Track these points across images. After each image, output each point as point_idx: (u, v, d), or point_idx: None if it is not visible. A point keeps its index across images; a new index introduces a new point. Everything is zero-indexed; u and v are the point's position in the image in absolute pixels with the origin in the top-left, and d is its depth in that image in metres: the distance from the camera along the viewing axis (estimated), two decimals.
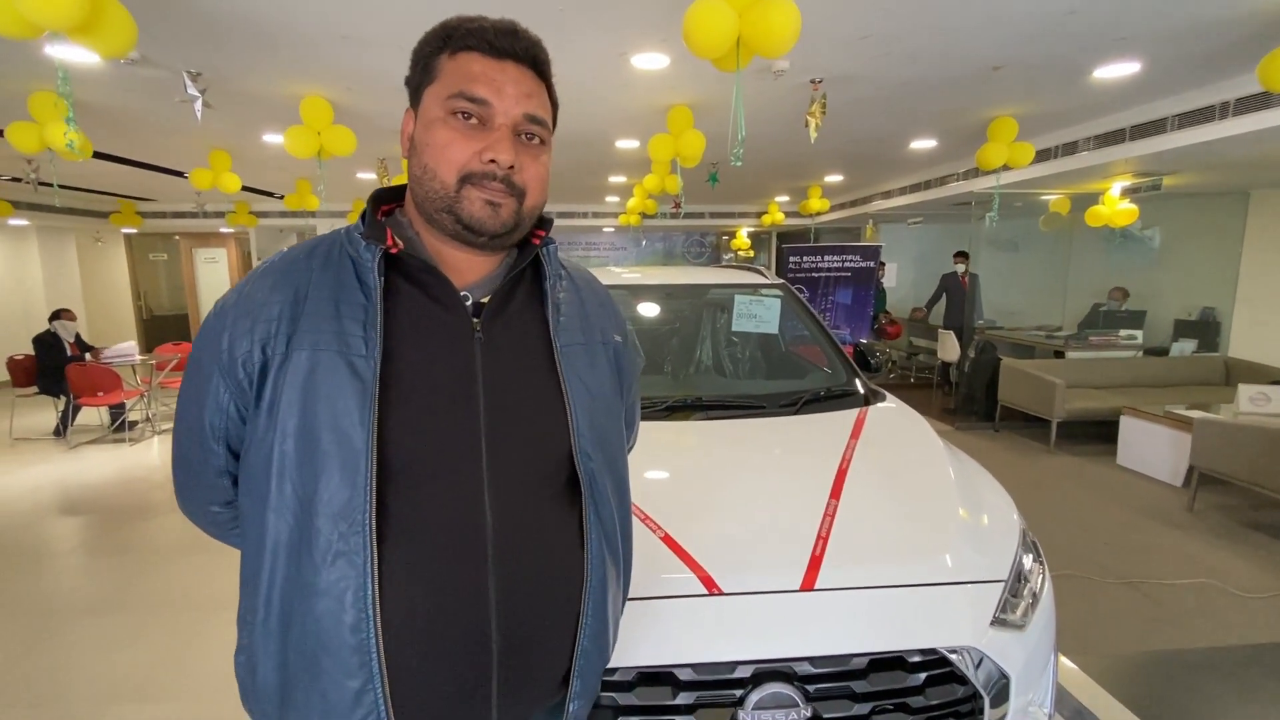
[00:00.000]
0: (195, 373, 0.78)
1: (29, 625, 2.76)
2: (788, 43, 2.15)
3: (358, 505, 0.70)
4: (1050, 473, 4.73)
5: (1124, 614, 2.75)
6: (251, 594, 0.76)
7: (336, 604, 0.70)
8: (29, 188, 5.86)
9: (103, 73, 3.36)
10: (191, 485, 0.85)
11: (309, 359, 0.72)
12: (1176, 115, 4.05)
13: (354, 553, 0.70)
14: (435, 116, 0.75)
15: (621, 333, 0.98)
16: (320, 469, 0.70)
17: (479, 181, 0.75)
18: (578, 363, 0.85)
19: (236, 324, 0.74)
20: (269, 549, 0.72)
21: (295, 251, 0.80)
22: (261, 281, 0.77)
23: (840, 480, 1.56)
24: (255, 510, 0.74)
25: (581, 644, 0.84)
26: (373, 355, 0.72)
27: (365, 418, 0.71)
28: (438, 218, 0.77)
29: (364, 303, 0.74)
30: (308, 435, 0.71)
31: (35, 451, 5.47)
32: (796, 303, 2.60)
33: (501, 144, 0.74)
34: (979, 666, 1.22)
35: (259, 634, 0.74)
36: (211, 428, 0.78)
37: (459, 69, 0.75)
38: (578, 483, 0.83)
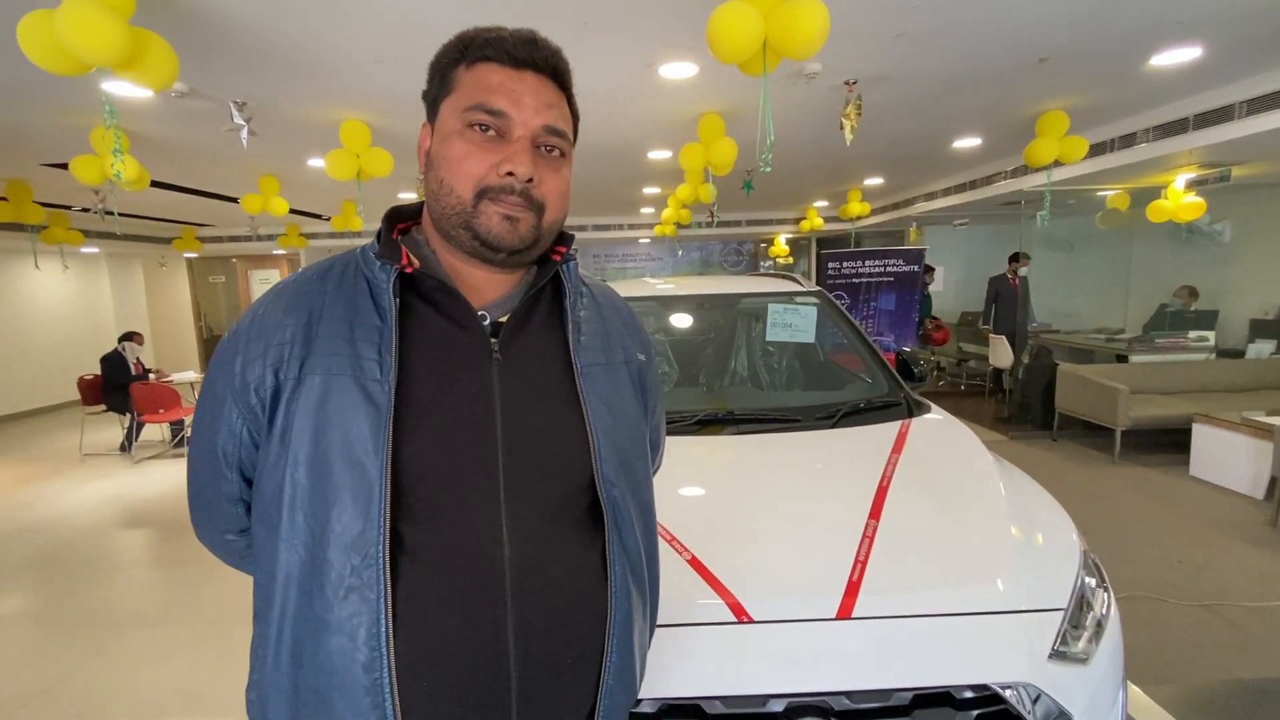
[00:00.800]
0: (209, 397, 0.77)
1: (87, 636, 2.87)
2: (815, 44, 2.08)
3: (371, 537, 0.67)
4: (1115, 485, 4.45)
5: (1200, 640, 2.54)
6: (263, 626, 0.73)
7: (349, 641, 0.67)
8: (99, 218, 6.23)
9: (156, 106, 3.53)
10: (207, 514, 0.83)
11: (322, 384, 0.70)
12: (1244, 101, 3.79)
13: (367, 587, 0.67)
14: (452, 129, 0.73)
15: (645, 351, 0.94)
16: (333, 499, 0.68)
17: (496, 196, 0.72)
18: (599, 384, 0.82)
19: (249, 347, 0.73)
20: (280, 581, 0.70)
21: (309, 272, 0.78)
22: (275, 304, 0.75)
23: (880, 499, 1.47)
24: (267, 540, 0.72)
25: (606, 683, 0.79)
26: (388, 380, 0.70)
27: (380, 445, 0.68)
28: (455, 234, 0.75)
29: (379, 325, 0.72)
30: (320, 463, 0.68)
31: (102, 466, 5.75)
32: (834, 310, 2.51)
33: (520, 156, 0.71)
34: (1036, 703, 1.12)
35: (270, 669, 0.72)
36: (225, 454, 0.76)
37: (476, 80, 0.72)
38: (600, 510, 0.79)
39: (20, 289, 8.31)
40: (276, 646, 0.71)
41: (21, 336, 8.31)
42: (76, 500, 4.82)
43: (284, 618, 0.70)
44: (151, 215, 7.98)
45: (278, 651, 0.71)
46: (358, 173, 3.98)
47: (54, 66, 1.91)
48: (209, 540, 0.87)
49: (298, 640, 0.70)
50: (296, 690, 0.71)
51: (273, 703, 0.73)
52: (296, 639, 0.70)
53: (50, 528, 4.25)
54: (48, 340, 8.66)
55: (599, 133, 4.54)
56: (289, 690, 0.71)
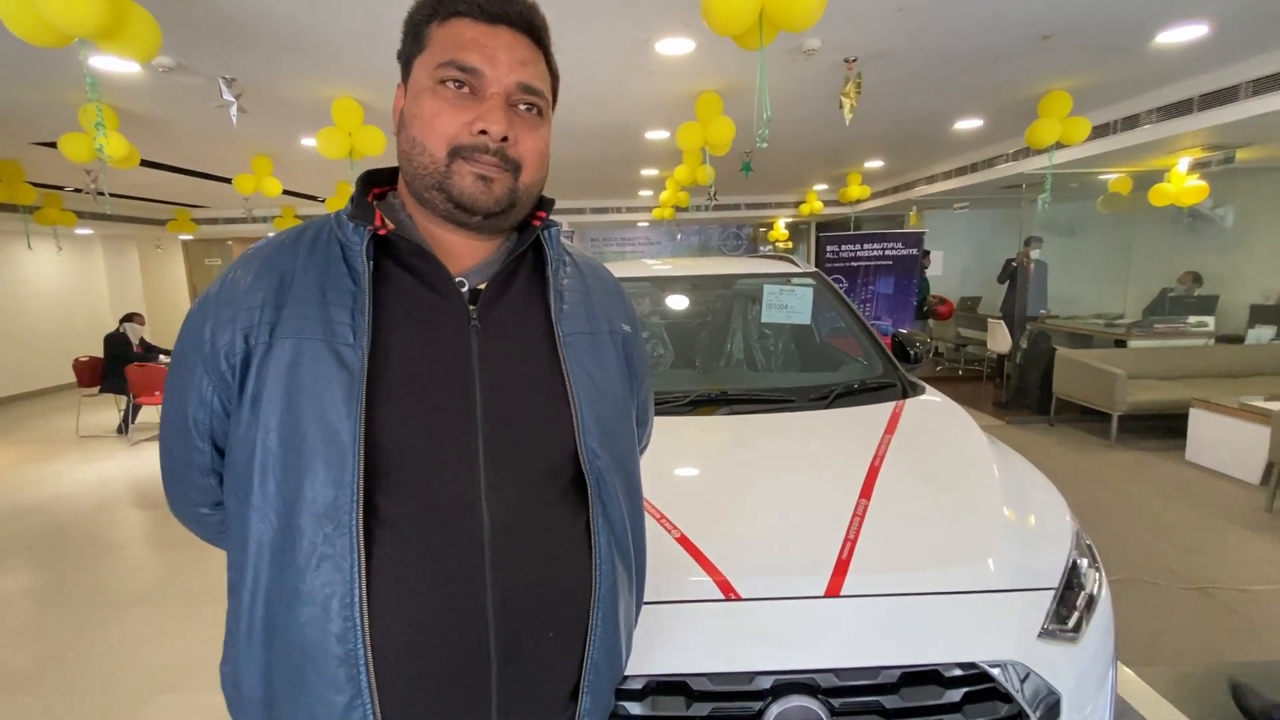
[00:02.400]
0: (179, 366, 0.75)
1: (84, 614, 2.88)
2: (814, 15, 2.03)
3: (344, 505, 0.65)
4: (1111, 469, 4.45)
5: (1195, 623, 2.55)
6: (236, 600, 0.71)
7: (321, 611, 0.65)
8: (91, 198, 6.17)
9: (144, 82, 3.47)
10: (180, 487, 0.81)
11: (293, 348, 0.68)
12: (1250, 81, 3.74)
13: (340, 556, 0.65)
14: (424, 87, 0.71)
15: (631, 323, 0.91)
16: (305, 466, 0.66)
17: (470, 155, 0.70)
18: (583, 353, 0.80)
19: (219, 313, 0.71)
20: (252, 551, 0.68)
21: (281, 237, 0.76)
22: (245, 269, 0.73)
23: (872, 478, 1.46)
24: (239, 511, 0.70)
25: (591, 657, 0.78)
26: (360, 344, 0.68)
27: (352, 410, 0.66)
28: (428, 196, 0.72)
29: (352, 289, 0.70)
30: (292, 429, 0.66)
31: (99, 448, 5.75)
32: (830, 292, 2.48)
33: (493, 114, 0.69)
34: (1025, 682, 1.11)
35: (243, 643, 0.70)
36: (195, 423, 0.74)
37: (449, 36, 0.70)
38: (584, 483, 0.78)
39: (14, 271, 8.26)
40: (249, 619, 0.69)
41: (16, 319, 8.28)
42: (74, 482, 4.82)
43: (256, 589, 0.68)
44: (145, 196, 7.91)
45: (250, 624, 0.69)
46: (350, 151, 3.93)
47: (35, 37, 1.87)
48: (183, 515, 0.86)
49: (270, 612, 0.68)
50: (270, 663, 0.69)
51: (246, 676, 0.71)
52: (269, 610, 0.68)
53: (48, 509, 4.26)
54: (42, 323, 8.63)
55: (595, 112, 4.48)
56: (262, 663, 0.70)
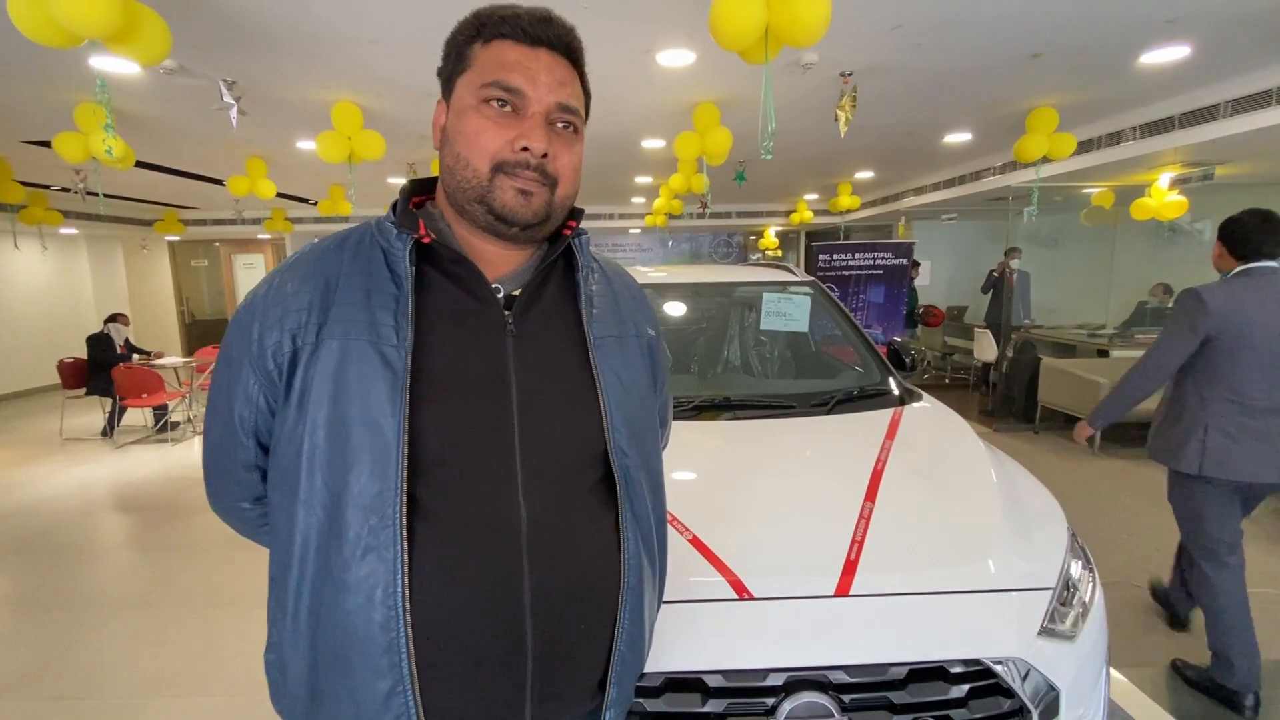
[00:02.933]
0: (226, 365, 0.78)
1: (74, 619, 2.84)
2: (818, 32, 2.09)
3: (388, 498, 0.68)
4: (1095, 476, 4.54)
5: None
6: (281, 590, 0.74)
7: (366, 600, 0.68)
8: (78, 198, 6.10)
9: (143, 83, 3.46)
10: (222, 481, 0.84)
11: (340, 348, 0.71)
12: (1229, 101, 3.87)
13: (384, 547, 0.68)
14: (468, 105, 0.74)
15: (654, 327, 0.96)
16: (351, 461, 0.69)
17: (511, 170, 0.73)
18: (611, 355, 0.83)
19: (267, 314, 0.74)
20: (298, 543, 0.71)
21: (326, 242, 0.80)
22: (292, 272, 0.76)
23: (875, 482, 1.50)
24: (285, 504, 0.73)
25: (618, 649, 0.81)
26: (404, 345, 0.71)
27: (397, 407, 0.69)
28: (469, 208, 0.76)
29: (395, 292, 0.73)
30: (338, 426, 0.69)
31: (84, 451, 5.66)
32: (827, 300, 2.53)
33: (535, 131, 0.73)
34: (1026, 678, 1.15)
35: (288, 631, 0.73)
36: (241, 420, 0.77)
37: (492, 57, 0.74)
38: (612, 480, 0.81)
39: None
40: (295, 608, 0.72)
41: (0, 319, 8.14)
42: (59, 485, 4.75)
43: (302, 579, 0.71)
44: (133, 196, 7.82)
45: (296, 613, 0.72)
46: (349, 155, 3.93)
47: (44, 38, 1.87)
48: (223, 508, 0.88)
49: (315, 601, 0.71)
50: (315, 651, 0.72)
51: (291, 664, 0.74)
52: (314, 600, 0.71)
53: (33, 512, 4.19)
54: (25, 323, 8.48)
55: (593, 120, 4.49)
56: (307, 651, 0.72)
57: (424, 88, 3.67)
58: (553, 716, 0.78)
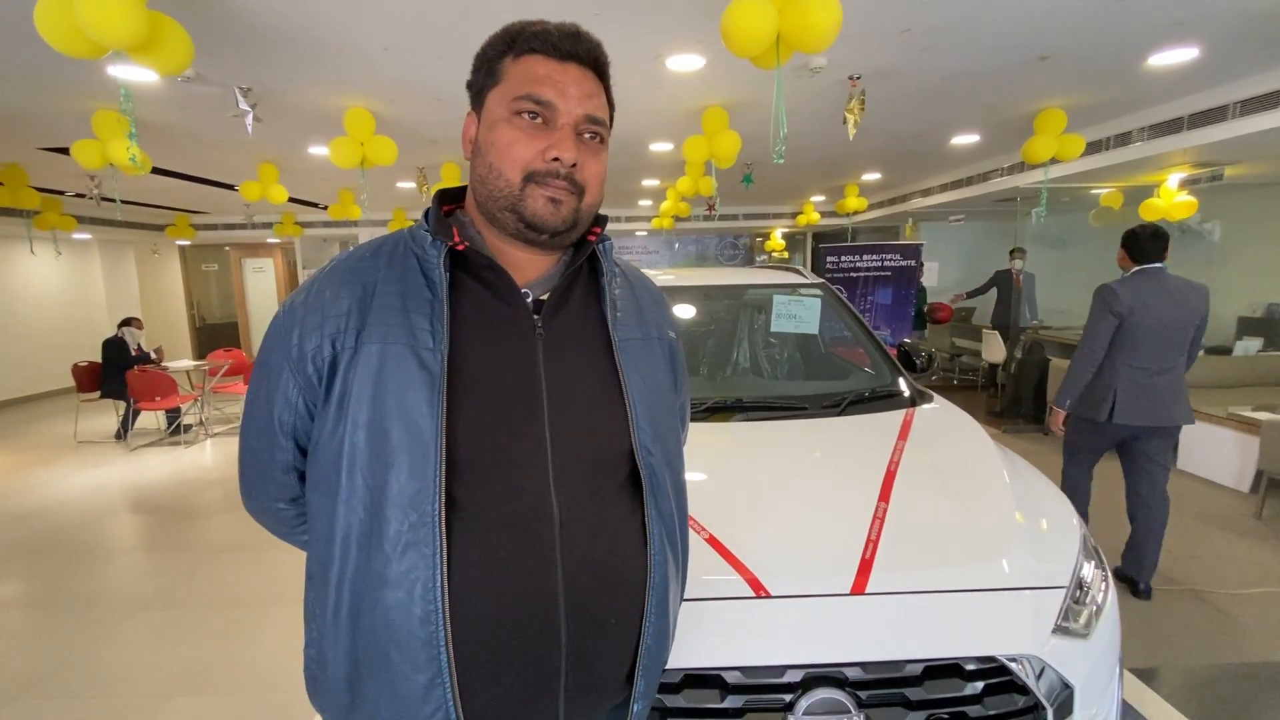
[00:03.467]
0: (265, 370, 0.80)
1: (90, 619, 2.88)
2: (829, 38, 2.11)
3: (427, 495, 0.70)
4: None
5: (1189, 626, 2.62)
6: (320, 587, 0.77)
7: (406, 595, 0.70)
8: (91, 203, 6.17)
9: (160, 91, 3.51)
10: (259, 482, 0.86)
11: (379, 352, 0.73)
12: (1238, 102, 3.86)
13: (423, 544, 0.70)
14: (499, 117, 0.76)
15: (675, 329, 0.99)
16: (390, 461, 0.71)
17: (543, 179, 0.76)
18: (636, 357, 0.86)
19: (306, 320, 0.76)
20: (339, 540, 0.73)
21: (361, 250, 0.82)
22: (330, 279, 0.79)
23: (889, 482, 1.52)
24: (324, 504, 0.75)
25: (645, 641, 0.83)
26: (440, 349, 0.74)
27: (434, 409, 0.72)
28: (501, 216, 0.78)
29: (430, 298, 0.76)
30: (378, 427, 0.72)
31: (98, 454, 5.73)
32: (837, 302, 2.55)
33: (565, 142, 0.75)
34: (1041, 676, 1.17)
35: (329, 627, 0.75)
36: (280, 423, 0.79)
37: (524, 71, 0.76)
38: (638, 478, 0.83)
39: (14, 275, 8.22)
40: (336, 604, 0.74)
41: (14, 323, 8.23)
42: (73, 487, 4.80)
43: (343, 575, 0.74)
44: (146, 201, 7.91)
45: (337, 608, 0.74)
46: (361, 161, 3.98)
47: (70, 49, 1.91)
48: (258, 508, 0.91)
49: (356, 596, 0.73)
50: (355, 645, 0.74)
51: (332, 658, 0.76)
52: (355, 595, 0.73)
53: (48, 514, 4.24)
54: (40, 327, 8.58)
55: None
56: (348, 645, 0.75)
57: (435, 94, 3.70)
58: (584, 707, 0.80)
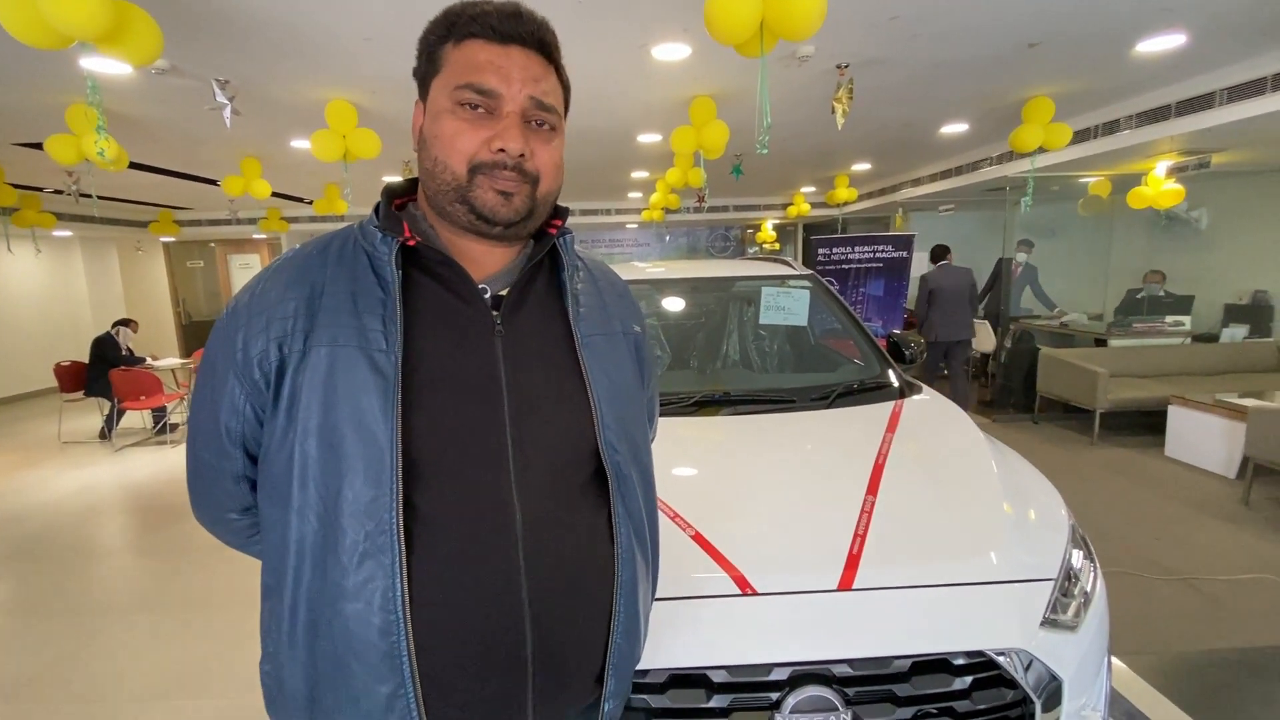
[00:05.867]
0: (209, 376, 0.77)
1: (78, 622, 2.84)
2: (813, 25, 2.08)
3: (384, 503, 0.68)
4: (1094, 465, 4.56)
5: (1177, 612, 2.63)
6: (275, 601, 0.74)
7: (365, 606, 0.68)
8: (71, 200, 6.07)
9: (136, 83, 3.44)
10: (209, 493, 0.83)
11: (328, 355, 0.70)
12: (1225, 89, 3.86)
13: (381, 553, 0.68)
14: (442, 108, 0.74)
15: (640, 323, 0.96)
16: (344, 468, 0.68)
17: (490, 171, 0.73)
18: (600, 353, 0.84)
19: (251, 323, 0.73)
20: (293, 552, 0.70)
21: (307, 248, 0.79)
22: (275, 279, 0.75)
23: (877, 475, 1.51)
24: (277, 514, 0.72)
25: (615, 641, 0.82)
26: (393, 350, 0.71)
27: (389, 414, 0.69)
28: (451, 210, 0.75)
29: (382, 297, 0.73)
30: (330, 433, 0.69)
31: (82, 454, 5.66)
32: (826, 294, 2.53)
33: (510, 132, 0.72)
34: (1029, 669, 1.16)
35: (285, 641, 0.73)
36: (228, 431, 0.76)
37: (464, 58, 0.73)
38: (604, 476, 0.81)
39: None
40: (291, 619, 0.71)
41: None
42: (59, 488, 4.74)
43: (298, 589, 0.71)
44: (128, 198, 7.79)
45: (292, 623, 0.72)
46: (344, 154, 3.92)
47: (33, 39, 1.86)
48: (209, 520, 0.87)
49: (313, 610, 0.70)
50: (314, 660, 0.71)
51: (289, 673, 0.73)
52: (312, 609, 0.70)
53: (33, 516, 4.19)
54: (21, 326, 8.45)
55: (590, 116, 4.50)
56: (305, 660, 0.72)
57: None
58: (554, 710, 0.78)
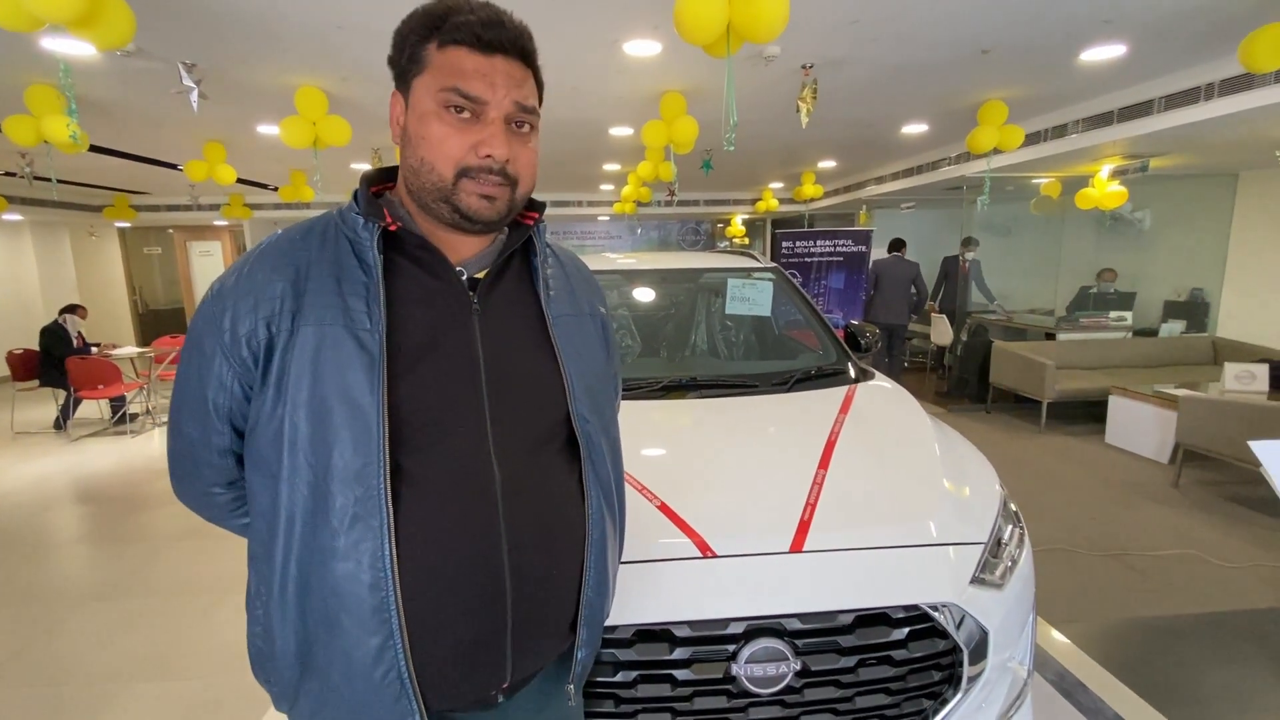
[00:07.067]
0: (196, 355, 0.79)
1: (43, 611, 2.82)
2: (776, 28, 2.18)
3: (372, 470, 0.73)
4: (1039, 451, 4.81)
5: (1109, 584, 2.83)
6: (264, 566, 0.78)
7: (355, 565, 0.73)
8: (20, 182, 5.86)
9: (98, 65, 3.37)
10: (193, 469, 0.86)
11: (315, 334, 0.74)
12: (1163, 97, 4.10)
13: (370, 516, 0.73)
14: (428, 110, 0.76)
15: (604, 305, 1.03)
16: (333, 439, 0.73)
17: (475, 174, 0.77)
18: (570, 332, 0.91)
19: (239, 303, 0.76)
20: (283, 519, 0.74)
21: (291, 233, 0.82)
22: (261, 262, 0.78)
23: (829, 452, 1.62)
24: (265, 484, 0.76)
25: (586, 594, 0.88)
26: (378, 329, 0.75)
27: (375, 388, 0.73)
28: (435, 207, 0.79)
29: (365, 280, 0.77)
30: (319, 407, 0.73)
31: (36, 445, 5.51)
32: (788, 285, 2.65)
33: (496, 139, 0.77)
34: (960, 624, 1.28)
35: (275, 603, 0.77)
36: (215, 407, 0.79)
37: (449, 64, 0.75)
38: (576, 444, 0.88)
39: None
40: (282, 580, 0.76)
41: None
42: (13, 480, 4.62)
43: (289, 552, 0.75)
44: (81, 181, 7.53)
45: (283, 584, 0.76)
46: (314, 141, 3.90)
47: (5, 20, 1.84)
48: (192, 495, 0.90)
49: (304, 570, 0.75)
50: (304, 617, 0.76)
51: (280, 632, 0.77)
52: (303, 569, 0.75)
53: None
54: None
55: (561, 109, 4.55)
56: (296, 619, 0.76)
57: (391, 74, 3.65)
58: (530, 657, 0.85)
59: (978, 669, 1.30)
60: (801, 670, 1.20)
